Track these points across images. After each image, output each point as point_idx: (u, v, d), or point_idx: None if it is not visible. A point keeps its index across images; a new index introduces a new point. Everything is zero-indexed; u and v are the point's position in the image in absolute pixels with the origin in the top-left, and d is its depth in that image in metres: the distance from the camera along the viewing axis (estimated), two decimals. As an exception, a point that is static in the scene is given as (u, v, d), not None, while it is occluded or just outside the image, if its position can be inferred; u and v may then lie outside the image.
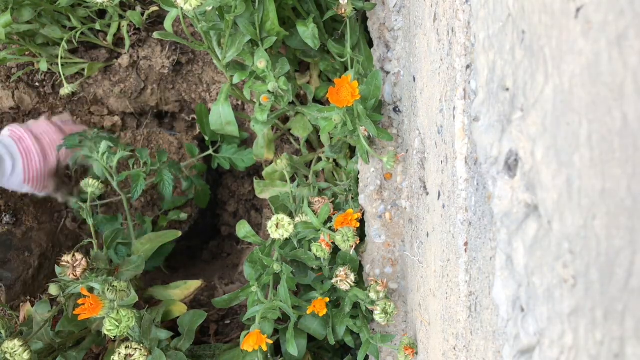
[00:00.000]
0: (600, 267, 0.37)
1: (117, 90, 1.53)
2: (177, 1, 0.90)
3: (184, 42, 1.11)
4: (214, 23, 1.07)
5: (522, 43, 0.47)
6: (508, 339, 0.52)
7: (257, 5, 1.04)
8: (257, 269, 1.11)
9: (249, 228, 1.13)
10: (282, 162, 1.15)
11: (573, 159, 0.39)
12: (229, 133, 1.31)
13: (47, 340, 1.09)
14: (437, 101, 0.79)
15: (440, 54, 0.76)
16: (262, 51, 1.05)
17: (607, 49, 0.34)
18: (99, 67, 1.51)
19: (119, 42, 1.53)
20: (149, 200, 1.60)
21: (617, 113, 0.34)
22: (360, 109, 0.97)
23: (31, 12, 1.32)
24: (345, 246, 0.95)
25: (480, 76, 0.58)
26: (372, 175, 1.10)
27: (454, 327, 0.74)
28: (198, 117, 1.49)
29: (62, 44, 1.37)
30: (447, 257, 0.76)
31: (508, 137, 0.50)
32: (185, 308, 1.24)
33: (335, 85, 0.92)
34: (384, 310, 0.99)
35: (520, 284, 0.50)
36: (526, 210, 0.48)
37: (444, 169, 0.77)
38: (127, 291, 1.01)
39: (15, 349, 0.96)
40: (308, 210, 1.02)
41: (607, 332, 0.36)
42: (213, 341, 1.39)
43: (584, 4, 0.36)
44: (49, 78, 1.55)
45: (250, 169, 1.65)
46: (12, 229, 1.43)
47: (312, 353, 1.23)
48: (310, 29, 1.09)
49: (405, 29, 1.06)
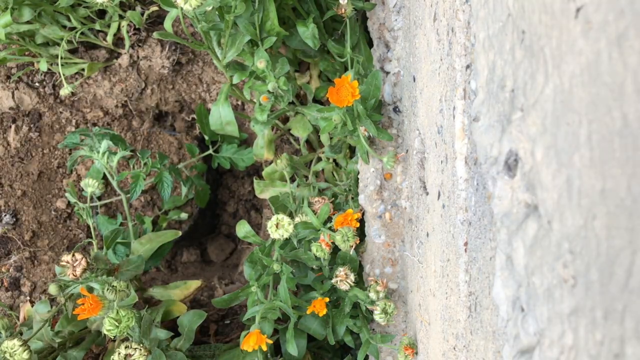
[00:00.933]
0: (600, 267, 0.37)
1: (117, 90, 1.53)
2: (177, 1, 0.90)
3: (184, 42, 1.11)
4: (214, 23, 1.07)
5: (522, 43, 0.47)
6: (508, 339, 0.52)
7: (257, 5, 1.04)
8: (257, 269, 1.11)
9: (248, 228, 1.13)
10: (282, 162, 1.15)
11: (573, 159, 0.39)
12: (228, 133, 1.31)
13: (46, 340, 1.09)
14: (437, 101, 0.79)
15: (440, 54, 0.76)
16: (262, 51, 1.05)
17: (607, 49, 0.34)
18: (99, 67, 1.51)
19: (118, 42, 1.53)
20: (148, 200, 1.60)
21: (617, 113, 0.34)
22: (360, 109, 0.97)
23: (31, 12, 1.32)
24: (345, 246, 0.95)
25: (480, 76, 0.58)
26: (372, 175, 1.10)
27: (454, 327, 0.74)
28: (198, 117, 1.50)
29: (62, 44, 1.37)
30: (447, 257, 0.76)
31: (508, 137, 0.50)
32: (185, 308, 1.24)
33: (335, 85, 0.92)
34: (383, 310, 0.99)
35: (520, 284, 0.49)
36: (526, 210, 0.48)
37: (443, 169, 0.77)
38: (126, 291, 1.01)
39: (14, 348, 0.96)
40: (308, 210, 1.02)
41: (607, 332, 0.36)
42: (213, 341, 1.39)
43: (584, 4, 0.36)
44: (49, 78, 1.55)
45: (250, 169, 1.65)
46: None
47: (312, 353, 1.23)
48: (310, 29, 1.09)
49: (405, 29, 1.06)
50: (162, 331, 1.08)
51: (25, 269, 1.47)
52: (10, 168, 1.52)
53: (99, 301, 0.97)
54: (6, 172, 1.52)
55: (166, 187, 1.29)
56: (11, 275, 1.46)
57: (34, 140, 1.55)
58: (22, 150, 1.54)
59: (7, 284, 1.45)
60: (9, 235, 1.49)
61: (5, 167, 1.52)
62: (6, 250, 1.48)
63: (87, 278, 1.04)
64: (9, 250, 1.48)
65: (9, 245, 1.48)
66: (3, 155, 1.53)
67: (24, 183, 1.52)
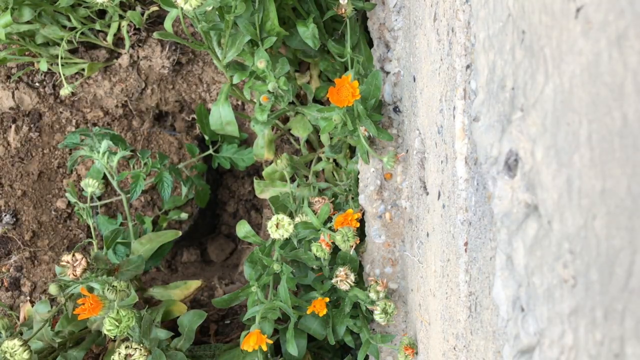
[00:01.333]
0: (600, 267, 0.37)
1: (117, 90, 1.53)
2: (177, 1, 0.90)
3: (184, 42, 1.11)
4: (214, 23, 1.07)
5: (522, 43, 0.47)
6: (508, 339, 0.52)
7: (257, 5, 1.04)
8: (257, 269, 1.11)
9: (248, 228, 1.13)
10: (282, 162, 1.15)
11: (573, 159, 0.39)
12: (229, 133, 1.31)
13: (47, 340, 1.09)
14: (437, 101, 0.79)
15: (440, 54, 0.76)
16: (262, 51, 1.05)
17: (607, 49, 0.34)
18: (99, 67, 1.51)
19: (119, 42, 1.53)
20: (148, 200, 1.60)
21: (617, 113, 0.34)
22: (361, 109, 0.97)
23: (31, 12, 1.32)
24: (345, 246, 0.95)
25: (480, 76, 0.58)
26: (372, 175, 1.10)
27: (454, 327, 0.74)
28: (198, 117, 1.50)
29: (62, 44, 1.37)
30: (447, 257, 0.76)
31: (508, 137, 0.50)
32: (185, 308, 1.24)
33: (335, 85, 0.92)
34: (383, 310, 0.99)
35: (520, 284, 0.49)
36: (526, 210, 0.48)
37: (444, 169, 0.77)
38: (127, 291, 1.01)
39: (15, 348, 0.96)
40: (308, 210, 1.02)
41: (607, 332, 0.36)
42: (213, 341, 1.39)
43: (584, 4, 0.36)
44: (49, 78, 1.55)
45: (250, 169, 1.65)
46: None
47: (312, 353, 1.23)
48: (310, 29, 1.09)
49: (405, 29, 1.06)
50: (163, 331, 1.08)
51: (25, 269, 1.47)
52: (11, 168, 1.53)
53: (99, 301, 0.97)
54: (6, 172, 1.52)
55: (166, 187, 1.29)
56: (11, 275, 1.46)
57: (34, 140, 1.55)
58: (22, 150, 1.54)
59: (7, 284, 1.45)
60: (9, 235, 1.49)
61: (5, 167, 1.53)
62: (6, 250, 1.48)
63: (87, 278, 1.04)
64: (9, 250, 1.48)
65: (9, 245, 1.49)
66: (3, 155, 1.53)
67: (24, 183, 1.53)
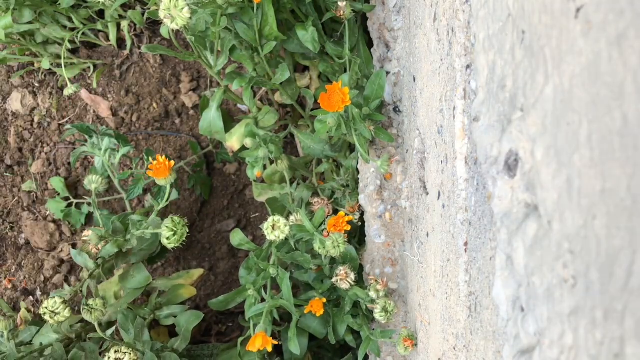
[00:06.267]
0: (600, 267, 0.37)
1: (117, 90, 1.53)
2: (164, 20, 0.89)
3: (172, 54, 1.10)
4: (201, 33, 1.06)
5: (522, 43, 0.47)
6: (508, 339, 0.52)
7: (256, 10, 1.03)
8: (253, 275, 1.11)
9: (242, 235, 1.13)
10: (283, 163, 1.15)
11: (573, 159, 0.39)
12: (217, 139, 1.31)
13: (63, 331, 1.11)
14: (437, 101, 0.79)
15: (440, 54, 0.76)
16: (250, 130, 1.08)
17: (607, 49, 0.34)
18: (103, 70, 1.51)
19: (119, 41, 1.53)
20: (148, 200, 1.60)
21: (617, 113, 0.34)
22: (356, 112, 0.97)
23: (31, 13, 1.32)
24: (336, 252, 0.96)
25: (480, 76, 0.58)
26: (372, 175, 1.10)
27: (454, 327, 0.74)
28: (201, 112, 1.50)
29: (64, 44, 1.37)
30: (447, 257, 0.76)
31: (508, 137, 0.50)
32: (195, 291, 1.24)
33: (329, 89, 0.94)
34: (384, 309, 0.99)
35: (520, 284, 0.50)
36: (526, 210, 0.48)
37: (444, 169, 0.77)
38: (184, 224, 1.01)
39: (56, 306, 0.99)
40: (302, 213, 1.01)
41: (607, 332, 0.36)
42: (213, 341, 1.39)
43: (584, 4, 0.36)
44: (49, 78, 1.55)
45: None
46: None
47: (313, 352, 1.23)
48: (310, 32, 1.08)
49: (405, 29, 1.06)
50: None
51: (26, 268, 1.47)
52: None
53: (167, 166, 0.97)
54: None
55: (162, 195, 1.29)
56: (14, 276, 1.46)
57: (34, 140, 1.55)
58: (22, 150, 1.54)
59: (11, 285, 1.45)
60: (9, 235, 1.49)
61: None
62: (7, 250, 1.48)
63: (103, 248, 1.08)
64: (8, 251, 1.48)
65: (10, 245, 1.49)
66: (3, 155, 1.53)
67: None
